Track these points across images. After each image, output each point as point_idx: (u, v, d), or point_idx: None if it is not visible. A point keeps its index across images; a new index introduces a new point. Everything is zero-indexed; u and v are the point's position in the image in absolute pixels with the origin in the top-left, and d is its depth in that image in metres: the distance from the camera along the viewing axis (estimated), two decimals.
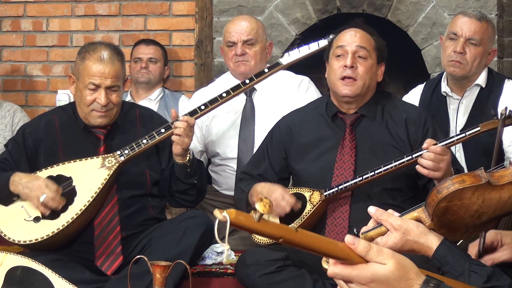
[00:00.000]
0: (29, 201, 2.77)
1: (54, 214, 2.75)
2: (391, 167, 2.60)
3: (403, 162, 2.60)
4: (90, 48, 2.87)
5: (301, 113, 2.93)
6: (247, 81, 3.06)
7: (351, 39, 2.76)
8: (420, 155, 2.57)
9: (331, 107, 2.83)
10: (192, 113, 2.91)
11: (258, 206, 1.25)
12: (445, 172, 2.53)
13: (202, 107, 2.94)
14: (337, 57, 2.76)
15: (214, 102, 2.98)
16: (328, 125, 2.81)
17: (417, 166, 2.56)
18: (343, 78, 2.73)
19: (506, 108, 2.50)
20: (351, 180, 2.64)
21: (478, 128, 2.58)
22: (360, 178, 2.63)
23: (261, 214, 1.24)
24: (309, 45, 3.00)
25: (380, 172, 2.61)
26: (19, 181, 2.78)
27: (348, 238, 1.33)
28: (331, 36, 2.87)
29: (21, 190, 2.77)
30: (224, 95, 3.00)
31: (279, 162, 2.89)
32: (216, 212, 1.23)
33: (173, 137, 2.83)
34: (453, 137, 2.61)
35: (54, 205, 2.73)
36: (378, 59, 2.78)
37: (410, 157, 2.60)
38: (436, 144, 2.54)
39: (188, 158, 2.88)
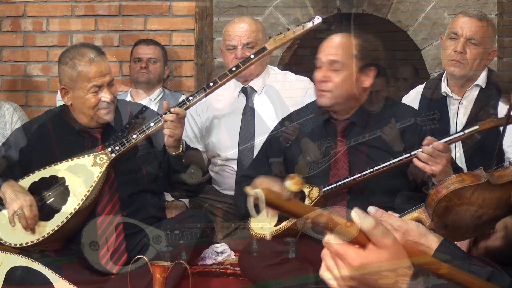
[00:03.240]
0: (6, 206, 2.77)
1: (48, 215, 2.76)
2: (389, 164, 2.60)
3: (402, 159, 2.60)
4: (74, 55, 2.85)
5: (299, 115, 2.94)
6: (234, 68, 2.94)
7: (322, 50, 2.75)
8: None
9: (324, 112, 2.83)
10: (181, 104, 2.86)
11: (290, 184, 1.23)
12: (444, 168, 2.51)
13: (190, 98, 2.89)
14: (316, 68, 2.77)
15: (201, 92, 2.90)
16: (322, 129, 2.83)
17: (414, 159, 2.54)
18: (320, 90, 2.75)
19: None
20: (350, 177, 2.65)
21: (477, 127, 2.57)
22: (359, 175, 2.64)
23: (292, 193, 1.22)
24: (294, 29, 2.97)
25: (379, 168, 2.61)
26: (12, 187, 2.78)
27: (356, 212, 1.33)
28: (316, 19, 2.85)
29: (8, 194, 2.77)
30: (211, 84, 2.92)
31: (279, 166, 2.89)
32: (249, 189, 1.22)
33: (164, 130, 2.83)
34: (452, 135, 2.60)
35: (23, 224, 2.72)
36: (361, 66, 2.72)
37: (408, 154, 2.59)
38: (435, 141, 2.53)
39: (181, 149, 2.88)
